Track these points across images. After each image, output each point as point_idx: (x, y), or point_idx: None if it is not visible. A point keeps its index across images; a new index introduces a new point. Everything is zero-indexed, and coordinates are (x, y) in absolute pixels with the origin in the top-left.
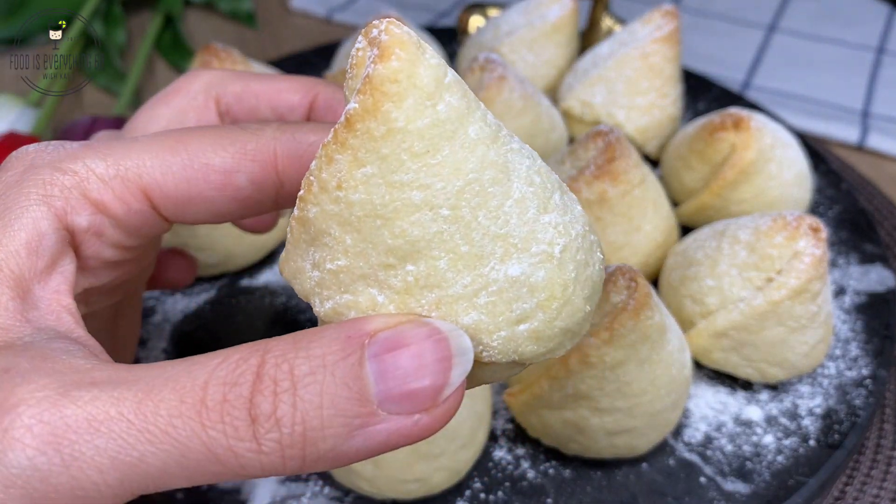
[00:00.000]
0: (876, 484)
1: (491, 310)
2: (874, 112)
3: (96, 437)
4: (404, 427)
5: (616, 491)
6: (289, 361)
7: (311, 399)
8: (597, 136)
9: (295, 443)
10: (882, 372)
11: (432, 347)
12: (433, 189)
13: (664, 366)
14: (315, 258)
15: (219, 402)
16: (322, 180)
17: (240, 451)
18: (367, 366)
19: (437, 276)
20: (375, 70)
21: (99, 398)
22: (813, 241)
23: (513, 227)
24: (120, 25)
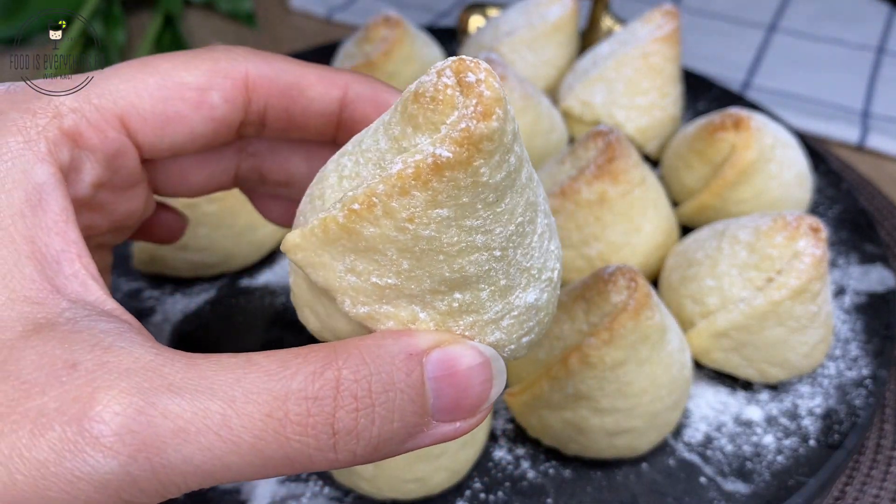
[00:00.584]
0: (876, 484)
1: (509, 330)
2: (874, 112)
3: (184, 448)
4: (447, 432)
5: (616, 491)
6: (366, 378)
7: (387, 415)
8: (597, 136)
9: (367, 452)
10: (882, 372)
11: (479, 371)
12: (493, 234)
13: (664, 366)
14: (355, 266)
15: (303, 417)
16: (390, 207)
17: (317, 459)
18: (427, 384)
19: (478, 304)
20: (477, 128)
21: (184, 409)
22: (813, 242)
23: (535, 259)
24: (120, 25)
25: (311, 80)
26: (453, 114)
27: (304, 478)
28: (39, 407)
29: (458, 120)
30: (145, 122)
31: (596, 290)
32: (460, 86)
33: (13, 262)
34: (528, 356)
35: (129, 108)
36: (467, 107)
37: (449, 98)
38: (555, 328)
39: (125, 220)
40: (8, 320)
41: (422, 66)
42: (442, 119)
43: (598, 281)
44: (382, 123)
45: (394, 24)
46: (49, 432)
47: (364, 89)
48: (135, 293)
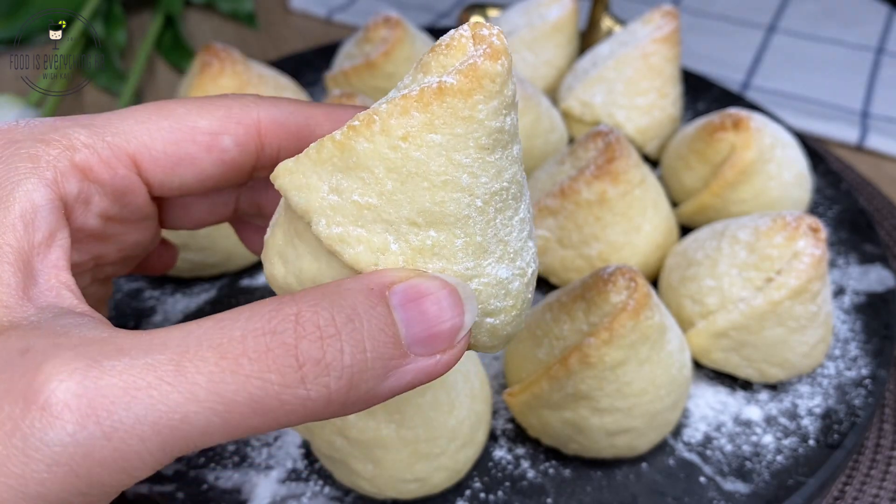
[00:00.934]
0: (875, 484)
1: (476, 295)
2: (873, 112)
3: (135, 405)
4: (428, 366)
5: (616, 491)
6: (326, 309)
7: (356, 344)
8: (597, 137)
9: (342, 386)
10: (881, 372)
11: (447, 296)
12: (479, 180)
13: (664, 366)
14: (340, 185)
15: (262, 353)
16: (388, 125)
17: (287, 399)
18: (394, 313)
19: (450, 250)
20: (483, 63)
21: (132, 366)
22: (812, 242)
23: (513, 238)
24: (120, 25)
25: (320, 120)
26: (463, 58)
27: (305, 477)
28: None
29: (468, 58)
30: (156, 162)
31: (596, 290)
32: (474, 38)
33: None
34: (528, 356)
35: (141, 148)
36: (477, 49)
37: (462, 45)
38: (555, 328)
39: (133, 251)
40: None
41: None
42: (452, 62)
43: (598, 281)
44: (396, 89)
45: (394, 25)
46: (1, 413)
47: None
48: (135, 293)
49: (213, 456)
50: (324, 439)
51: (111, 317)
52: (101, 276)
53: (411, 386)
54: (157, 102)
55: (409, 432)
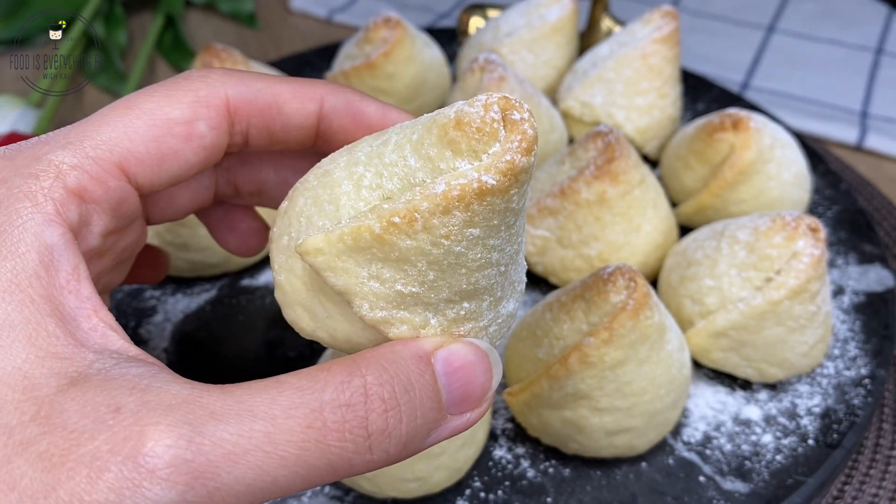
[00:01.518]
0: (874, 483)
1: (493, 335)
2: (873, 112)
3: (235, 469)
4: (460, 424)
5: (616, 490)
6: (389, 382)
7: (411, 413)
8: (596, 137)
9: (398, 449)
10: (881, 371)
11: (479, 363)
12: (504, 252)
13: (663, 365)
14: (381, 274)
15: (339, 423)
16: (430, 224)
17: (356, 463)
18: (438, 381)
19: (478, 313)
20: (520, 161)
21: (230, 433)
22: (812, 242)
23: (519, 273)
24: (121, 26)
25: (287, 97)
26: (495, 145)
27: None
28: (92, 452)
29: (503, 152)
30: (142, 164)
31: (595, 290)
32: (504, 121)
33: (36, 322)
34: (528, 356)
35: (126, 154)
36: (512, 141)
37: (494, 131)
38: (554, 328)
39: (124, 255)
40: (41, 377)
41: (422, 66)
42: (484, 149)
43: (598, 281)
44: (408, 141)
45: (394, 25)
46: (105, 474)
47: (339, 101)
48: (136, 293)
49: None
50: None
51: None
52: (101, 290)
53: (443, 440)
54: (123, 100)
55: None
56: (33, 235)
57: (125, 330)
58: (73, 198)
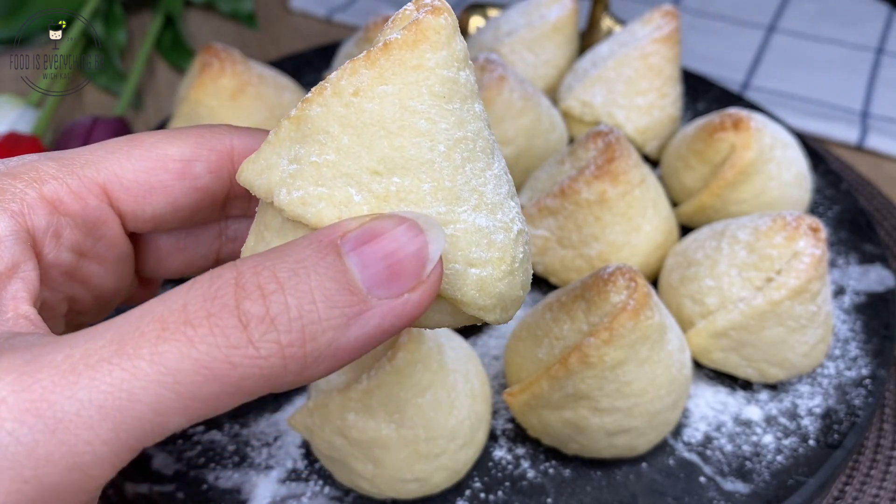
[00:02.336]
0: (875, 484)
1: (453, 242)
2: (873, 112)
3: (77, 390)
4: (396, 307)
5: (616, 490)
6: (267, 269)
7: (303, 295)
8: (597, 137)
9: (294, 340)
10: (881, 372)
11: (405, 230)
12: (438, 126)
13: (664, 366)
14: (298, 154)
15: (203, 318)
16: (338, 86)
17: (236, 360)
18: (347, 259)
19: (418, 194)
20: (426, 18)
21: (72, 355)
22: (812, 242)
23: (488, 190)
24: (120, 26)
25: None
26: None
27: (305, 477)
28: None
29: (410, 16)
30: (127, 191)
31: (595, 290)
32: (416, 6)
33: None
34: (528, 356)
35: (112, 177)
36: (419, 9)
37: (406, 16)
38: (554, 328)
39: (108, 297)
40: None
41: None
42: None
43: (598, 281)
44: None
45: None
46: None
47: None
48: None
49: (213, 456)
50: (324, 439)
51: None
52: (77, 322)
53: (383, 331)
54: (127, 136)
55: (409, 432)
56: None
57: None
58: (45, 204)
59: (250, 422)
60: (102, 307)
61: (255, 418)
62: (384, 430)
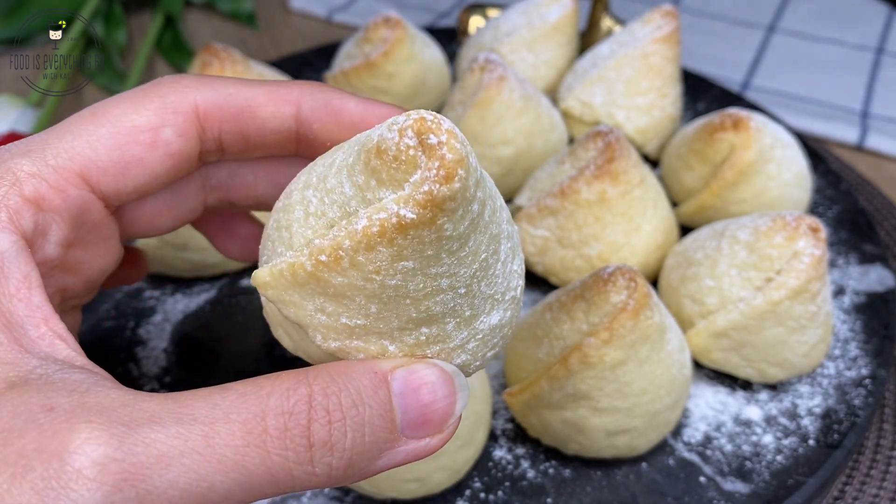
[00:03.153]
0: (875, 484)
1: (475, 351)
2: (873, 112)
3: (168, 472)
4: (417, 449)
5: (616, 490)
6: (335, 394)
7: (357, 428)
8: (596, 137)
9: (342, 465)
10: (881, 372)
11: (441, 386)
12: (458, 276)
13: (664, 366)
14: (325, 308)
15: (281, 430)
16: (356, 261)
17: (297, 474)
18: (394, 399)
19: (444, 335)
20: (440, 191)
21: (166, 434)
22: (812, 242)
23: (498, 285)
24: (120, 26)
25: (261, 101)
26: (416, 172)
27: None
28: (18, 450)
29: (421, 182)
30: (105, 172)
31: (595, 290)
32: (422, 147)
33: None
34: (528, 355)
35: (87, 163)
36: (430, 168)
37: (411, 158)
38: (555, 328)
39: (99, 277)
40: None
41: (422, 66)
42: (405, 177)
43: (598, 281)
44: (346, 165)
45: (394, 25)
46: (30, 473)
47: (316, 102)
48: (135, 293)
49: None
50: None
51: (111, 317)
52: (69, 308)
53: (401, 464)
54: (90, 108)
55: None
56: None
57: (125, 330)
58: (29, 206)
59: None
60: (91, 288)
61: None
62: None
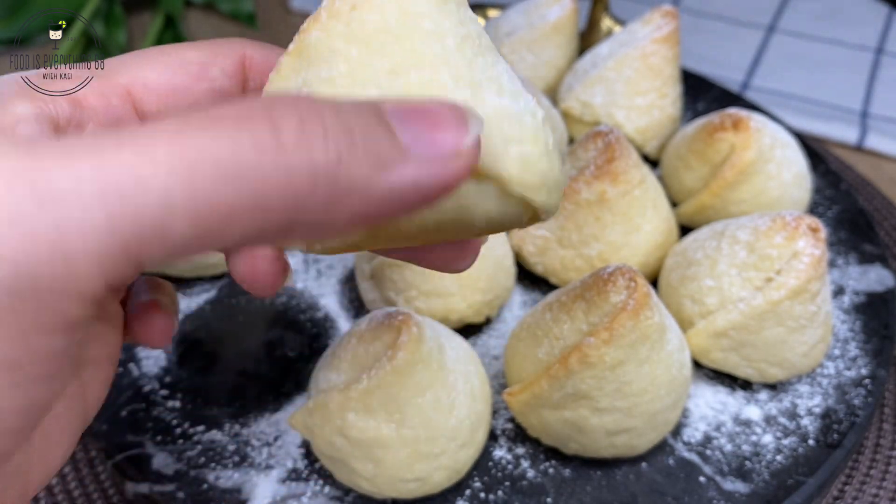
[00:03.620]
0: (875, 483)
1: (487, 122)
2: (873, 112)
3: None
4: (434, 164)
5: (616, 490)
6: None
7: (342, 124)
8: (596, 137)
9: (330, 159)
10: (881, 372)
11: (448, 109)
12: (442, 25)
13: (664, 366)
14: (307, 78)
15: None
16: (334, 8)
17: (262, 162)
18: (388, 117)
19: (440, 85)
20: None
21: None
22: (812, 242)
23: (505, 81)
24: (121, 26)
25: None
26: None
27: (305, 477)
28: None
29: None
30: (150, 91)
31: (595, 290)
32: None
33: None
34: (528, 356)
35: (135, 80)
36: None
37: None
38: (554, 328)
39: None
40: None
41: None
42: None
43: (598, 281)
44: None
45: None
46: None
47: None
48: None
49: (213, 456)
50: (324, 439)
51: None
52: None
53: (419, 192)
54: (152, 47)
55: (409, 432)
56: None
57: None
58: (68, 98)
59: (250, 421)
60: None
61: (256, 418)
62: (384, 429)
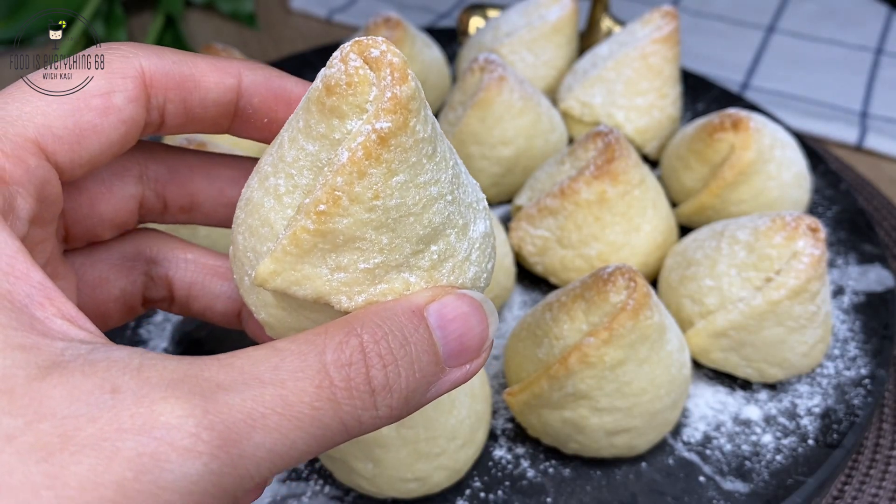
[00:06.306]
0: (874, 483)
1: (479, 261)
2: (872, 113)
3: (254, 434)
4: (460, 376)
5: (615, 490)
6: (384, 338)
7: (409, 367)
8: (596, 137)
9: (400, 403)
10: (880, 372)
11: (474, 313)
12: (441, 182)
13: (663, 365)
14: (340, 262)
15: (345, 381)
16: (354, 194)
17: (364, 419)
18: (434, 334)
19: (450, 248)
20: (402, 91)
21: (244, 400)
22: (812, 242)
23: (471, 194)
24: (121, 26)
25: (204, 70)
26: (372, 90)
27: (305, 476)
28: (96, 434)
29: (382, 91)
30: (61, 140)
31: (595, 290)
32: (368, 63)
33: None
34: (528, 355)
35: (42, 130)
36: (384, 77)
37: (363, 77)
38: (554, 328)
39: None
40: (7, 369)
41: (422, 66)
42: (364, 98)
43: (598, 281)
44: (298, 131)
45: (394, 26)
46: (120, 453)
47: (257, 77)
48: None
49: None
50: None
51: None
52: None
53: (445, 393)
54: (33, 74)
55: (410, 432)
56: None
57: (125, 330)
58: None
59: None
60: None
61: None
62: (384, 429)
